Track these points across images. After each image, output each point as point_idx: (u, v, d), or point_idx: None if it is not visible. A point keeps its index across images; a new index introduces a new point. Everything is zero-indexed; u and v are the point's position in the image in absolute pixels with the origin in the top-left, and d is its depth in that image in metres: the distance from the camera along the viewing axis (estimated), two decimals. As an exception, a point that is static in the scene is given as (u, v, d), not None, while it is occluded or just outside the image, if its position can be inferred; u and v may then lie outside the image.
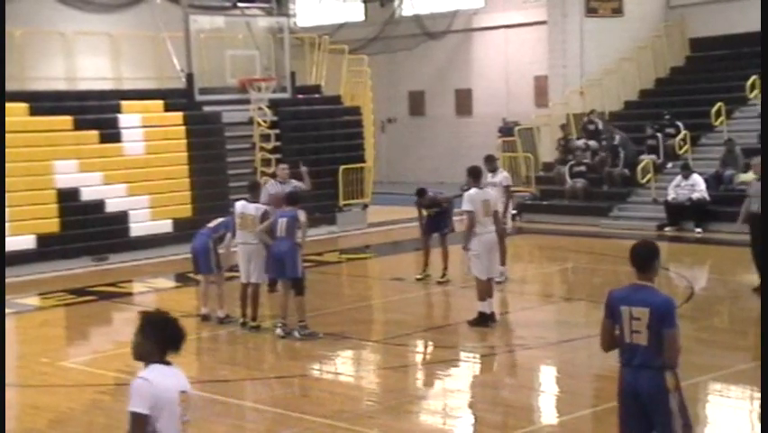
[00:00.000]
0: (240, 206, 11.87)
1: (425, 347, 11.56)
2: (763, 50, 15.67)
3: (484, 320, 11.57)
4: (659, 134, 20.92)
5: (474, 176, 11.96)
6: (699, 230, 18.62)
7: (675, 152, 20.60)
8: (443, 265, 14.28)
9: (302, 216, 11.25)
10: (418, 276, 14.63)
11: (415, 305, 13.82)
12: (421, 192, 14.68)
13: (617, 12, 23.45)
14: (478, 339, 11.37)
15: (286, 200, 11.69)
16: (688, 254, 17.71)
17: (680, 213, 18.99)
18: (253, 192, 12.13)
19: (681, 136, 20.60)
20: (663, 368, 5.74)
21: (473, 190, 11.68)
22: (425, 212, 14.68)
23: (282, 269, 11.22)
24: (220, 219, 12.46)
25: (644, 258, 5.87)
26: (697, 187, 18.90)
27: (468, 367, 10.62)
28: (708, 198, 18.80)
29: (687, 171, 19.19)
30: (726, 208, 18.46)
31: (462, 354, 10.99)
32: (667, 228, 19.08)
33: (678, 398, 5.80)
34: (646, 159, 20.42)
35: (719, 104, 20.64)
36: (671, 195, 19.16)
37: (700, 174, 19.18)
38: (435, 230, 14.51)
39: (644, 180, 20.20)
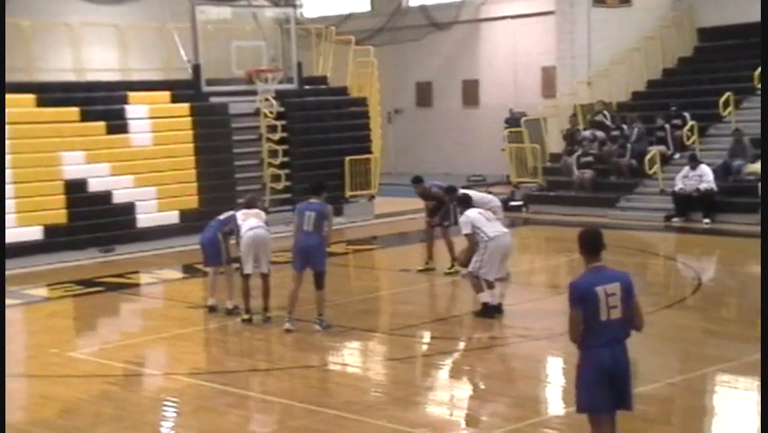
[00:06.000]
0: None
1: (432, 338, 11.55)
2: (763, 52, 15.64)
3: (489, 310, 11.57)
4: (667, 125, 20.87)
5: (464, 203, 12.26)
6: (707, 221, 18.57)
7: (683, 142, 20.54)
8: (450, 256, 14.27)
9: (329, 208, 11.22)
10: (420, 268, 14.66)
11: (422, 296, 13.84)
12: (415, 180, 14.75)
13: (625, 1, 23.35)
14: (485, 330, 11.37)
15: (312, 190, 11.44)
16: (695, 245, 17.67)
17: (687, 204, 18.94)
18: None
19: (687, 127, 20.54)
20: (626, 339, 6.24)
21: (467, 212, 11.80)
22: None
23: (309, 262, 11.16)
24: (231, 212, 12.45)
25: (598, 243, 6.32)
26: (705, 177, 18.84)
27: (475, 358, 10.62)
28: (715, 188, 18.74)
29: (694, 162, 19.13)
30: (734, 199, 18.45)
31: (469, 346, 11.00)
32: (675, 219, 19.05)
33: None
34: (654, 149, 20.37)
35: (728, 94, 20.56)
36: (678, 186, 19.11)
37: (708, 165, 19.12)
38: (437, 222, 14.53)
39: (652, 171, 20.14)
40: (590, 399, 6.23)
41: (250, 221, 11.71)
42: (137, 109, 18.73)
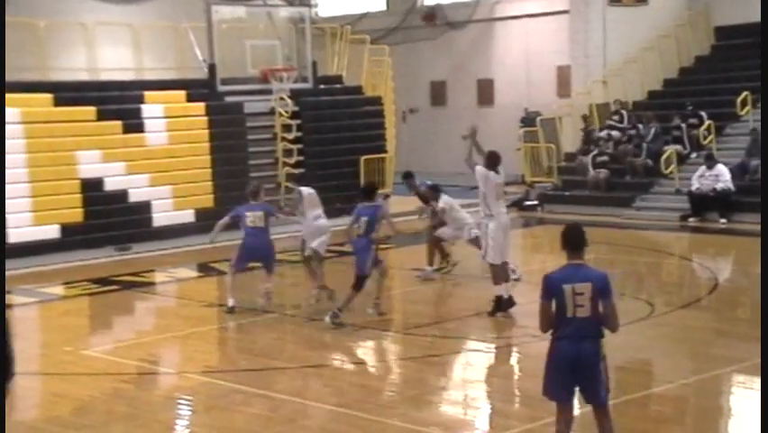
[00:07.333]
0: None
1: (445, 338, 11.53)
2: (763, 52, 15.49)
3: (502, 304, 11.55)
4: (684, 125, 20.77)
5: (493, 161, 11.88)
6: (723, 220, 18.47)
7: (699, 142, 20.43)
8: (440, 255, 14.37)
9: (382, 210, 11.51)
10: (434, 267, 14.67)
11: (434, 295, 13.82)
12: (407, 175, 14.85)
13: (641, 0, 23.25)
14: (497, 330, 11.35)
15: (363, 194, 11.73)
16: (711, 245, 17.57)
17: (704, 203, 18.84)
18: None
19: (704, 126, 20.43)
20: (600, 337, 6.40)
21: (492, 173, 11.70)
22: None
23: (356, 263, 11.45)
24: (238, 208, 12.48)
25: (579, 240, 6.47)
26: (721, 177, 18.74)
27: (487, 358, 10.60)
28: (732, 188, 18.64)
29: (711, 161, 19.03)
30: (751, 199, 18.32)
31: (482, 345, 10.97)
32: (691, 219, 18.95)
33: (605, 365, 6.49)
34: (670, 149, 20.27)
35: (745, 93, 20.45)
36: (694, 185, 19.02)
37: (725, 164, 19.02)
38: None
39: (668, 171, 20.05)
40: (549, 386, 6.54)
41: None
42: (153, 108, 18.80)
